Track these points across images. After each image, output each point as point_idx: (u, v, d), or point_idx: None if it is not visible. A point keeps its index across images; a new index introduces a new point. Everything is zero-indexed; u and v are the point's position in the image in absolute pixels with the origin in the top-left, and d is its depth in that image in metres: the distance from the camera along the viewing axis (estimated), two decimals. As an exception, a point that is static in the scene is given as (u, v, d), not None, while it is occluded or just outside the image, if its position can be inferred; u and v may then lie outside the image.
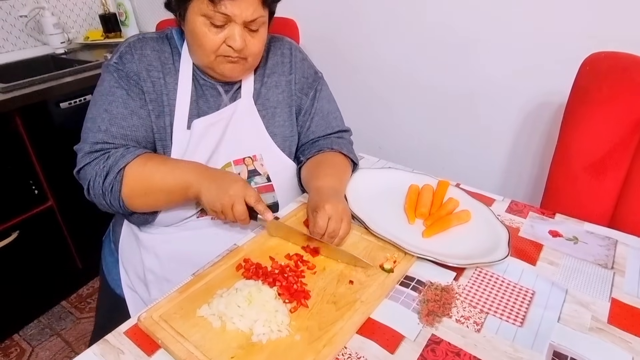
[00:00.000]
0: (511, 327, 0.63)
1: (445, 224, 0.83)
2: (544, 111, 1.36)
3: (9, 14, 1.83)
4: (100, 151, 0.79)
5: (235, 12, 0.75)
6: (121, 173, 0.77)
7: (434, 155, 1.67)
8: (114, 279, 0.97)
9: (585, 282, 0.71)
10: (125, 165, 0.77)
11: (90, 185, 0.79)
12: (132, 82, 0.82)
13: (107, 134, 0.79)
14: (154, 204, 0.83)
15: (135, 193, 0.79)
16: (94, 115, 0.81)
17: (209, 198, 0.75)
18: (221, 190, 0.75)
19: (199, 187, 0.76)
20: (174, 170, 0.78)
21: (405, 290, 0.69)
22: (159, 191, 0.79)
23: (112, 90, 0.81)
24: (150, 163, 0.79)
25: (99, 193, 0.78)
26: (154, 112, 0.83)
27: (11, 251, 1.52)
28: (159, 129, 0.84)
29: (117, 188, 0.77)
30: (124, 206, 0.80)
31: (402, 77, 1.60)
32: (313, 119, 0.97)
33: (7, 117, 1.42)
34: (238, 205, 0.74)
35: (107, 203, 0.79)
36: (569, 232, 0.84)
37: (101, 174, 0.77)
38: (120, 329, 0.62)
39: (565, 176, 1.04)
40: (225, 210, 0.75)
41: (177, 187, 0.78)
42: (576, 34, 1.21)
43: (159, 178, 0.78)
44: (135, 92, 0.82)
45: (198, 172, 0.78)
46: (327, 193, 0.80)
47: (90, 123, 0.81)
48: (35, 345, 1.62)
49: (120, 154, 0.78)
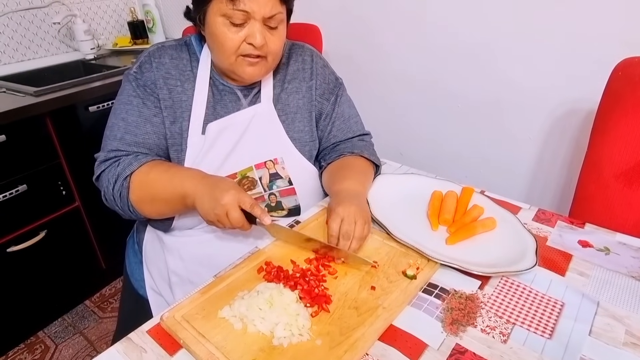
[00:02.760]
0: (539, 339, 0.60)
1: (470, 231, 0.81)
2: (572, 118, 1.32)
3: (43, 21, 1.91)
4: (112, 159, 0.82)
5: (253, 9, 0.75)
6: (127, 180, 0.80)
7: (456, 162, 1.64)
8: (137, 279, 0.99)
9: (618, 295, 0.68)
10: (131, 172, 0.80)
11: (105, 192, 0.82)
12: (148, 90, 0.85)
13: (121, 142, 0.83)
14: (163, 212, 0.84)
15: (143, 201, 0.81)
16: (112, 124, 0.85)
17: (203, 209, 0.75)
18: (214, 201, 0.73)
19: (193, 198, 0.76)
20: (173, 179, 0.79)
21: (428, 298, 0.67)
22: (162, 200, 0.80)
23: (129, 99, 0.85)
24: (153, 171, 0.81)
25: (111, 200, 0.82)
26: (169, 119, 0.85)
27: (39, 250, 1.57)
28: (173, 134, 0.86)
29: (125, 195, 0.80)
30: (136, 212, 0.82)
31: (425, 83, 1.58)
32: (334, 123, 0.97)
33: (39, 119, 1.48)
34: (233, 213, 0.73)
35: (120, 209, 0.82)
36: (600, 242, 0.81)
37: (112, 181, 0.80)
38: (143, 328, 0.63)
39: (595, 185, 1.00)
40: (221, 219, 0.74)
41: (176, 197, 0.78)
42: (606, 39, 1.17)
43: (160, 187, 0.79)
44: (150, 100, 0.85)
45: (193, 182, 0.77)
46: (344, 196, 0.80)
47: (109, 131, 0.85)
48: (59, 343, 1.66)
49: (128, 161, 0.81)
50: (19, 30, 1.84)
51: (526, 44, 1.31)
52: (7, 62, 1.83)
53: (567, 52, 1.25)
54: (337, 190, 0.83)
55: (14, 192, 1.44)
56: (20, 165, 1.46)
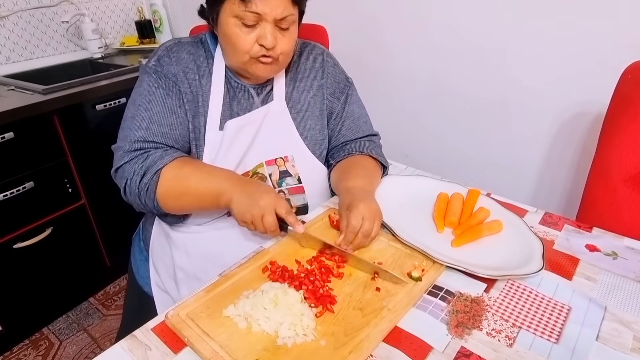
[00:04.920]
0: (546, 343, 0.60)
1: (476, 233, 0.81)
2: (580, 121, 1.31)
3: (52, 20, 1.92)
4: (139, 150, 0.80)
5: (265, 10, 0.76)
6: (158, 174, 0.78)
7: (462, 164, 1.63)
8: (142, 277, 0.99)
9: (625, 300, 0.68)
10: (163, 166, 0.78)
11: (127, 183, 0.79)
12: (170, 82, 0.83)
13: (147, 132, 0.80)
14: (187, 207, 0.83)
15: (169, 195, 0.79)
16: (133, 114, 0.82)
17: (240, 209, 0.75)
18: (252, 201, 0.74)
19: (230, 196, 0.76)
20: (209, 176, 0.79)
21: (433, 300, 0.67)
22: (192, 195, 0.79)
23: (151, 90, 0.83)
24: (187, 167, 0.79)
25: (135, 192, 0.79)
26: (190, 112, 0.85)
27: (44, 247, 1.58)
28: (194, 128, 0.86)
29: (152, 189, 0.78)
30: (157, 207, 0.80)
31: (431, 84, 1.58)
32: (344, 122, 0.97)
33: (47, 117, 1.49)
34: (268, 216, 0.73)
35: (142, 203, 0.80)
36: (608, 246, 0.80)
37: (139, 172, 0.78)
38: (148, 325, 0.63)
39: (603, 189, 0.99)
40: (256, 221, 0.74)
41: (210, 193, 0.78)
42: (615, 42, 1.16)
43: (194, 182, 0.78)
44: (174, 91, 0.84)
45: (231, 182, 0.77)
46: (360, 193, 0.79)
47: (130, 122, 0.82)
48: (63, 339, 1.66)
49: (159, 155, 0.79)
50: (28, 29, 1.85)
51: (534, 46, 1.30)
52: (16, 60, 1.85)
53: (575, 54, 1.24)
54: (348, 187, 0.83)
55: (20, 189, 1.45)
56: (27, 162, 1.47)
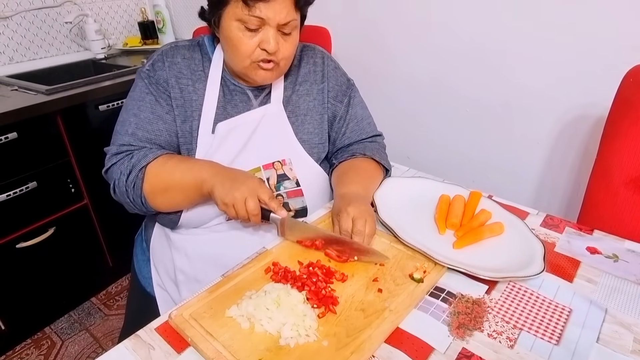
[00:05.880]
0: (547, 344, 0.60)
1: (477, 235, 0.81)
2: (581, 123, 1.31)
3: (55, 21, 1.93)
4: (125, 152, 0.83)
5: (269, 15, 0.76)
6: (143, 171, 0.81)
7: (463, 166, 1.63)
8: (144, 277, 0.99)
9: (626, 302, 0.68)
10: (147, 164, 0.81)
11: (115, 183, 0.83)
12: (161, 88, 0.86)
13: (133, 137, 0.84)
14: (174, 202, 0.85)
15: (155, 190, 0.82)
16: (123, 119, 0.86)
17: (221, 191, 0.75)
18: (234, 185, 0.75)
19: (212, 182, 0.77)
20: (192, 167, 0.81)
21: (435, 301, 0.67)
22: (177, 188, 0.81)
23: (142, 95, 0.86)
24: (170, 162, 0.82)
25: (122, 191, 0.82)
26: (180, 117, 0.87)
27: (47, 246, 1.59)
28: (184, 133, 0.87)
29: (139, 185, 0.81)
30: (146, 203, 0.83)
31: (433, 87, 1.58)
32: (348, 125, 0.98)
33: (50, 117, 1.50)
34: (250, 200, 0.74)
35: (130, 200, 0.83)
36: (609, 249, 0.81)
37: (125, 172, 0.81)
38: (152, 325, 0.63)
39: (605, 191, 1.00)
40: (237, 204, 0.74)
41: (193, 183, 0.80)
42: (617, 44, 1.16)
43: (177, 175, 0.80)
44: (163, 98, 0.86)
45: (213, 170, 0.80)
46: (350, 197, 0.80)
47: (120, 126, 0.86)
48: (65, 339, 1.67)
49: (142, 154, 0.82)
50: (31, 29, 1.86)
51: (536, 49, 1.31)
52: (20, 61, 1.86)
53: (577, 57, 1.24)
54: (342, 193, 0.84)
55: (24, 189, 1.46)
56: (30, 162, 1.47)
